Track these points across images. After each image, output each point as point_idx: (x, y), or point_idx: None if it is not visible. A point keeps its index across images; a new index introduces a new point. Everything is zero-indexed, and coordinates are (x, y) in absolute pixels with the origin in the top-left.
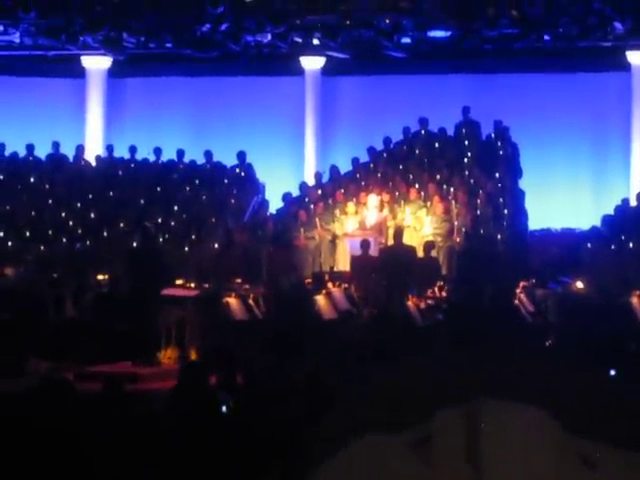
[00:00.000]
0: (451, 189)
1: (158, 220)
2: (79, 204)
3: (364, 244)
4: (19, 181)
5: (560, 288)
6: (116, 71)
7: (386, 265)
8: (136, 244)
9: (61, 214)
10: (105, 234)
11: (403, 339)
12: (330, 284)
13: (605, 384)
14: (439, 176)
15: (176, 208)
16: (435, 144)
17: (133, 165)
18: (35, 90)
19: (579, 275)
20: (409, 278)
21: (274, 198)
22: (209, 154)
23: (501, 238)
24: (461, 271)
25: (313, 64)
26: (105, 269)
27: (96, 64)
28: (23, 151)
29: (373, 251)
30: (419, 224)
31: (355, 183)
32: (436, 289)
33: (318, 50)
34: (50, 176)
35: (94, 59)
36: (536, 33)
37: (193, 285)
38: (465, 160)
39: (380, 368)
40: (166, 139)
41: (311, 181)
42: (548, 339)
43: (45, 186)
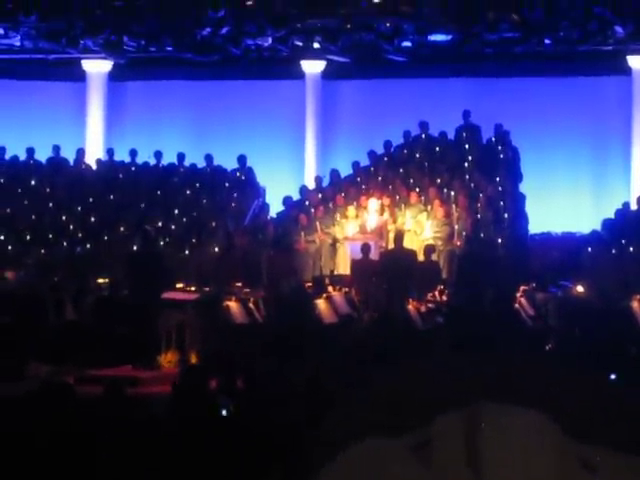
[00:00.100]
0: (451, 193)
1: (158, 224)
2: (79, 208)
3: (364, 248)
4: (19, 185)
5: (560, 292)
6: (117, 75)
7: (387, 269)
8: (136, 248)
9: (61, 218)
10: (105, 238)
11: (403, 343)
12: (330, 288)
13: (605, 388)
14: (439, 180)
15: (176, 212)
16: (436, 148)
17: (133, 169)
18: (36, 93)
19: (579, 279)
20: (409, 282)
21: (274, 202)
22: (209, 158)
23: (501, 242)
24: (461, 275)
25: (313, 68)
26: (105, 273)
27: (97, 67)
28: (23, 155)
29: (373, 255)
30: (419, 228)
31: (355, 187)
32: (436, 293)
33: (318, 54)
34: (50, 180)
35: (95, 62)
36: (537, 37)
37: (193, 289)
38: (465, 164)
39: (380, 372)
40: (166, 143)
41: (311, 185)
42: (548, 343)
43: (45, 190)
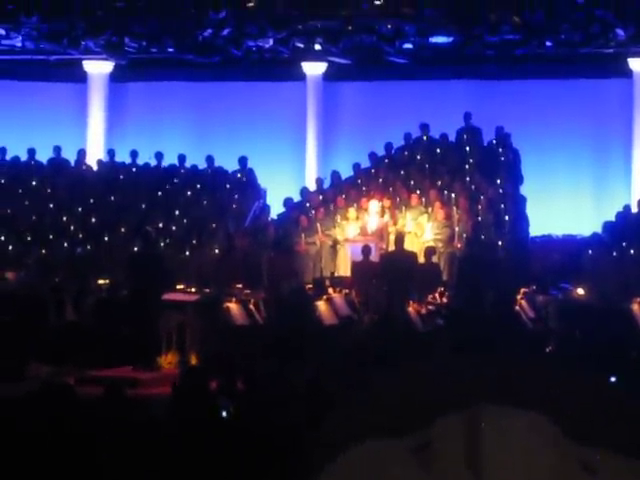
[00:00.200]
0: (452, 195)
1: (159, 225)
2: (80, 208)
3: (365, 250)
4: (20, 185)
5: (561, 294)
6: (118, 76)
7: (387, 271)
8: (137, 249)
9: (62, 218)
10: (106, 238)
11: (404, 345)
12: (331, 289)
13: (605, 390)
14: (440, 182)
15: (177, 213)
16: (436, 150)
17: (134, 170)
18: (37, 94)
19: (580, 281)
20: (410, 284)
21: (275, 203)
22: (210, 159)
23: (502, 244)
24: (462, 277)
25: (315, 69)
26: (106, 274)
27: (98, 68)
28: (24, 155)
29: (374, 257)
30: (420, 230)
31: (356, 189)
32: (437, 295)
33: (320, 55)
34: (51, 180)
35: (96, 63)
36: (538, 39)
37: (194, 290)
38: (466, 166)
39: (380, 374)
40: (167, 144)
41: (312, 186)
42: (549, 345)
43: (46, 190)
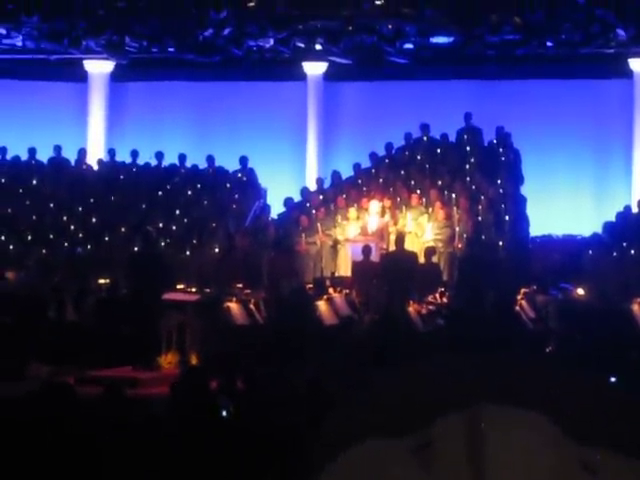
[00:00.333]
0: (452, 195)
1: (159, 224)
2: (80, 208)
3: (365, 250)
4: (21, 185)
5: (561, 294)
6: (118, 75)
7: (387, 271)
8: (137, 248)
9: (62, 218)
10: (106, 238)
11: (404, 345)
12: (331, 289)
13: (605, 390)
14: (441, 182)
15: (177, 212)
16: (437, 150)
17: (135, 169)
18: (37, 94)
19: (580, 282)
20: (410, 284)
21: (276, 203)
22: (211, 159)
23: (502, 244)
24: (462, 277)
25: (315, 69)
26: (106, 273)
27: (98, 68)
28: (25, 155)
29: (374, 257)
30: (420, 230)
31: (357, 189)
32: (437, 295)
33: (320, 55)
34: (52, 180)
35: (96, 63)
36: (538, 40)
37: (194, 289)
38: (467, 166)
39: (381, 373)
40: (168, 143)
41: (313, 186)
42: (549, 345)
43: (47, 190)
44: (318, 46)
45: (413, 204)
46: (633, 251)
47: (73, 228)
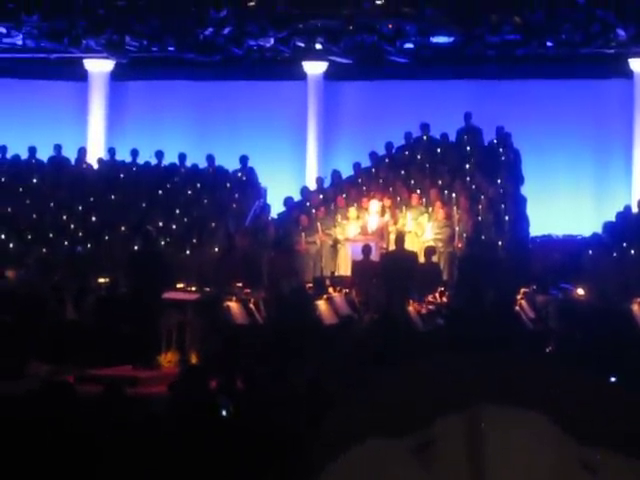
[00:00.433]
0: (453, 195)
1: (159, 224)
2: (80, 207)
3: (365, 249)
4: (21, 184)
5: (561, 294)
6: (118, 74)
7: (387, 270)
8: (137, 247)
9: (62, 217)
10: (106, 237)
11: (404, 344)
12: (331, 289)
13: (605, 390)
14: (441, 182)
15: (177, 212)
16: (437, 150)
17: (135, 168)
18: (37, 93)
19: (580, 281)
20: (410, 283)
21: (276, 202)
22: (211, 158)
23: (502, 244)
24: (462, 277)
25: (315, 69)
26: (106, 272)
27: (98, 67)
28: (25, 154)
29: (374, 256)
30: (420, 229)
31: (357, 188)
32: (437, 294)
33: (320, 55)
34: (52, 179)
35: (97, 62)
36: (538, 40)
37: (194, 289)
38: (467, 166)
39: (381, 373)
40: (168, 143)
41: (313, 186)
42: (549, 345)
43: (47, 189)
44: (318, 45)
45: (413, 204)
46: (633, 251)
47: (73, 227)
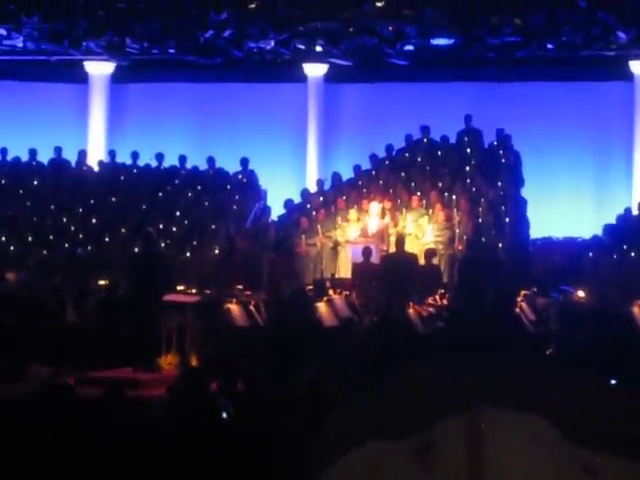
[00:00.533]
0: (453, 197)
1: (160, 226)
2: (81, 209)
3: (366, 251)
4: (21, 186)
5: (561, 297)
6: (119, 76)
7: (387, 272)
8: (138, 249)
9: (63, 219)
10: (107, 239)
11: (404, 346)
12: (331, 291)
13: (606, 393)
14: (441, 184)
15: (178, 214)
16: (437, 152)
17: (135, 171)
18: (38, 95)
19: (581, 284)
20: (410, 285)
21: (276, 205)
22: (211, 160)
23: (502, 246)
24: (462, 279)
25: (316, 71)
26: (106, 274)
27: (99, 69)
28: (25, 156)
29: (375, 258)
30: (420, 232)
31: (357, 190)
32: (437, 297)
33: (321, 57)
34: (52, 181)
35: (97, 64)
36: (539, 42)
37: (194, 291)
38: (467, 168)
39: (381, 375)
40: (168, 145)
41: (313, 188)
42: (549, 348)
43: (47, 191)
44: (318, 48)
45: (413, 206)
46: (633, 253)
47: (73, 229)
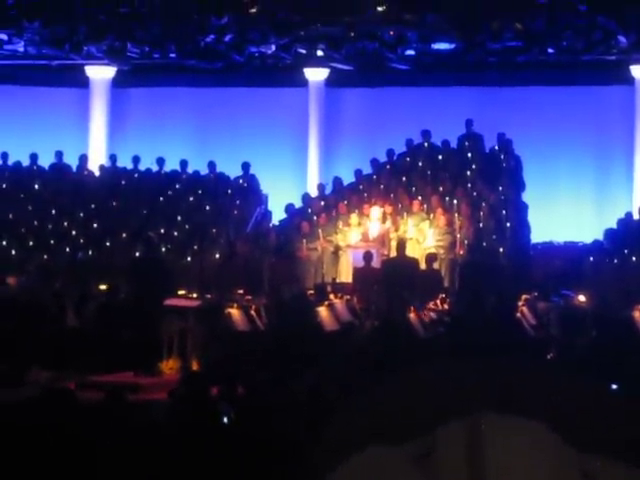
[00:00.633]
0: (454, 201)
1: (161, 230)
2: (82, 214)
3: (367, 256)
4: (22, 190)
5: (562, 301)
6: (120, 81)
7: (388, 277)
8: (139, 254)
9: (64, 223)
10: (108, 244)
11: (405, 351)
12: (332, 295)
13: (606, 398)
14: (442, 188)
15: (179, 218)
16: (438, 156)
17: (136, 175)
18: (39, 99)
19: (581, 288)
20: (411, 290)
21: (277, 209)
22: (212, 165)
23: (503, 251)
24: (463, 283)
25: (317, 75)
26: (107, 279)
27: (100, 74)
28: (27, 160)
29: (376, 263)
30: (422, 236)
31: (358, 195)
32: (438, 301)
33: (322, 61)
34: (53, 185)
35: (98, 69)
36: (540, 46)
37: (195, 295)
38: (468, 172)
39: (381, 380)
40: (169, 149)
41: (314, 192)
42: (550, 352)
43: (48, 195)
44: (320, 52)
45: (414, 210)
46: (634, 258)
47: (74, 233)
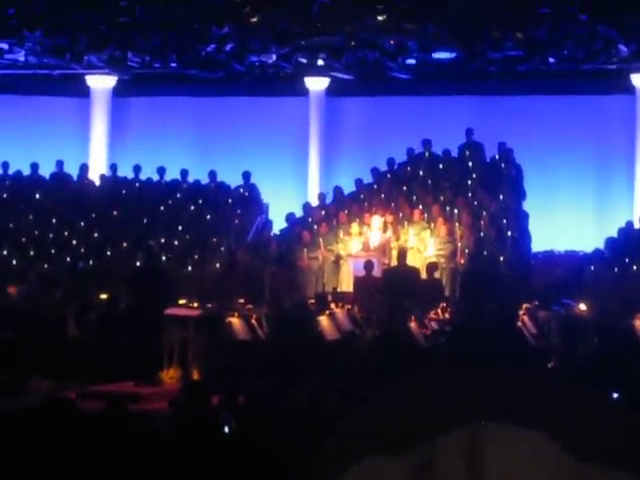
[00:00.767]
0: (455, 210)
1: (161, 239)
2: (83, 223)
3: (367, 265)
4: (23, 200)
5: (563, 310)
6: (121, 90)
7: (389, 286)
8: (139, 263)
9: (65, 233)
10: (108, 253)
11: (406, 360)
12: (333, 305)
13: (606, 407)
14: (443, 197)
15: (180, 228)
16: (439, 165)
17: (137, 184)
18: (40, 109)
19: (582, 297)
20: (412, 299)
21: (278, 218)
22: (213, 174)
23: (504, 260)
24: (464, 292)
25: (317, 85)
26: (108, 288)
27: (101, 83)
28: (27, 170)
29: (376, 272)
30: (422, 245)
31: (359, 204)
32: (439, 310)
33: (322, 71)
34: (54, 195)
35: (99, 78)
36: (540, 55)
37: (196, 305)
38: (469, 182)
39: (382, 389)
40: (170, 159)
41: (315, 202)
42: (551, 361)
43: (49, 205)
44: (320, 61)
45: (415, 219)
46: (635, 267)
47: (75, 243)
